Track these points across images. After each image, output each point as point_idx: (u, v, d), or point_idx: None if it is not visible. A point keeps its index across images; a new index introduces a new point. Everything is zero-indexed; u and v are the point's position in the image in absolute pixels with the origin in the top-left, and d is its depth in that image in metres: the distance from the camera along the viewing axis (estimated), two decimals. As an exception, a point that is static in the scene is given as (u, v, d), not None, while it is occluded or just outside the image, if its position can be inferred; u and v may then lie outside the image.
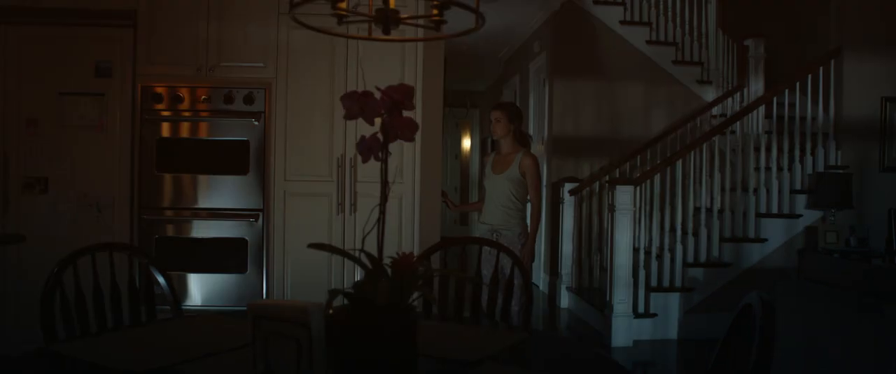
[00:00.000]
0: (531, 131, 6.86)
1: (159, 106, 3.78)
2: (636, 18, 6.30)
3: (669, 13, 6.39)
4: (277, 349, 1.33)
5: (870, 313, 2.86)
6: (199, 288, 3.81)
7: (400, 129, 1.51)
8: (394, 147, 4.02)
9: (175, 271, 3.76)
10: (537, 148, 6.05)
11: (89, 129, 3.76)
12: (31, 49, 3.71)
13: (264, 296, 3.82)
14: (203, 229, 3.81)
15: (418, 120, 3.87)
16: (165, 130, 3.80)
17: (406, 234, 3.87)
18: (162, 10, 3.79)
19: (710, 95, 6.37)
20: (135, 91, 3.76)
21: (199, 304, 3.80)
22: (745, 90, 6.01)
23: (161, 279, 2.11)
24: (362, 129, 3.85)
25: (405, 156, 3.86)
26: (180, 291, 3.77)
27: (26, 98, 3.71)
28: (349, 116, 1.47)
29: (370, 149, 1.52)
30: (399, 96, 1.45)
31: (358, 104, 1.46)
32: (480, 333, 1.92)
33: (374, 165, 4.02)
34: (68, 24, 3.72)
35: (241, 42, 3.82)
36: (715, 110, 6.26)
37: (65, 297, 1.82)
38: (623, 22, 6.27)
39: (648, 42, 6.30)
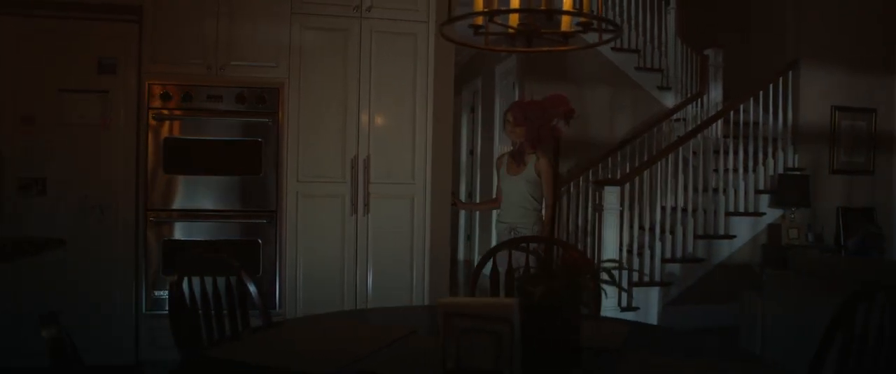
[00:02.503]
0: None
1: (168, 105, 3.67)
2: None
3: (632, 21, 6.71)
4: (471, 345, 1.40)
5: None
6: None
7: (549, 135, 1.61)
8: (404, 148, 4.07)
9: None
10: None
11: (91, 127, 3.61)
12: (29, 43, 3.52)
13: (278, 298, 3.78)
14: (213, 232, 3.72)
15: (428, 118, 3.93)
16: (173, 129, 3.69)
17: (417, 236, 3.92)
18: (169, 7, 3.68)
19: (669, 100, 6.73)
20: (141, 89, 3.64)
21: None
22: (705, 97, 6.40)
23: (252, 287, 2.10)
24: (373, 130, 3.89)
25: (417, 154, 3.90)
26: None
27: (23, 94, 3.52)
28: (516, 122, 1.56)
29: (522, 152, 1.62)
30: (562, 106, 1.55)
31: (524, 112, 1.55)
32: (589, 323, 2.03)
33: (386, 166, 4.07)
34: (69, 17, 3.55)
35: (251, 41, 3.76)
36: (675, 115, 6.62)
37: (184, 304, 1.80)
38: (590, 29, 6.52)
39: (613, 49, 6.58)
